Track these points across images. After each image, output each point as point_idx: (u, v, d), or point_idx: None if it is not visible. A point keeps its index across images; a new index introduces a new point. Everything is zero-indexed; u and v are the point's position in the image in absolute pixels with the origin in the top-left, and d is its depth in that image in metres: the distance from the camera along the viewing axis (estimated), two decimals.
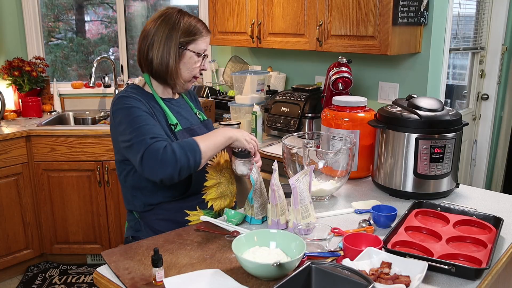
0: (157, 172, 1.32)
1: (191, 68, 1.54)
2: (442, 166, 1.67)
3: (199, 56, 1.54)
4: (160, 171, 1.32)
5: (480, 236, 1.34)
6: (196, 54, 1.53)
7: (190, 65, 1.53)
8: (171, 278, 1.14)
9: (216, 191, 1.58)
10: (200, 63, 1.56)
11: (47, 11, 3.63)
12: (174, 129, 1.52)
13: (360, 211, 1.59)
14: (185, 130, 1.55)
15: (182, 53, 1.51)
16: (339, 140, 1.81)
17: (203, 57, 1.56)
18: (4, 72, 3.33)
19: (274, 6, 2.83)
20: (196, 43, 1.52)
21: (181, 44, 1.50)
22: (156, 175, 1.33)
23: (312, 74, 3.13)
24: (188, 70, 1.54)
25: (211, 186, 1.57)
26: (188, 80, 1.57)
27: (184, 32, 1.50)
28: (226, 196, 1.61)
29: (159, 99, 1.56)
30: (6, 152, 2.88)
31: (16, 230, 3.00)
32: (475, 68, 3.51)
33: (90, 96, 3.64)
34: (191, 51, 1.52)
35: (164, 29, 1.49)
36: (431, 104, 1.68)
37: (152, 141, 1.33)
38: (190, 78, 1.57)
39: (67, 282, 2.99)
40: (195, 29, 1.52)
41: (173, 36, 1.49)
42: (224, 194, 1.60)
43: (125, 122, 1.41)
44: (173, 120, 1.53)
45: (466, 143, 3.47)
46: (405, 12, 2.35)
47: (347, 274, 1.01)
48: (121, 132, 1.42)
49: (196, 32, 1.52)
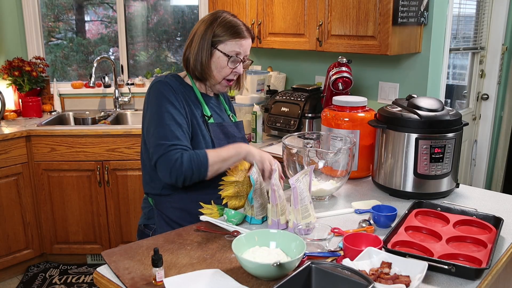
0: (165, 177, 1.46)
1: (220, 69, 1.55)
2: (442, 166, 1.67)
3: (228, 57, 1.53)
4: (168, 177, 1.45)
5: (480, 236, 1.34)
6: (224, 55, 1.53)
7: (219, 65, 1.54)
8: (171, 278, 1.14)
9: (233, 189, 1.59)
10: (232, 65, 1.55)
11: (47, 11, 3.63)
12: (208, 120, 1.57)
13: (360, 211, 1.59)
14: (217, 124, 1.60)
15: (213, 52, 1.53)
16: (339, 140, 1.81)
17: (234, 60, 1.54)
18: (4, 72, 3.32)
19: (274, 6, 2.83)
20: (225, 43, 1.52)
21: (212, 43, 1.52)
22: (164, 179, 1.48)
23: (312, 74, 3.13)
24: (217, 70, 1.55)
25: (229, 183, 1.58)
26: (218, 81, 1.58)
27: (218, 30, 1.52)
28: (242, 197, 1.62)
29: (198, 92, 1.60)
30: (6, 152, 2.88)
31: (16, 230, 3.00)
32: (475, 68, 3.51)
33: (90, 96, 3.64)
34: (220, 51, 1.53)
35: (203, 28, 1.53)
36: (431, 104, 1.68)
37: (169, 149, 1.44)
38: (221, 79, 1.57)
39: (67, 282, 2.99)
40: (229, 29, 1.52)
41: (207, 34, 1.52)
42: (240, 195, 1.61)
43: (155, 113, 1.48)
44: (207, 112, 1.59)
45: (466, 143, 3.47)
46: (405, 12, 2.35)
47: (347, 274, 1.01)
48: (148, 120, 1.50)
49: (228, 31, 1.52)
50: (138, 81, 3.68)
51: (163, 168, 1.44)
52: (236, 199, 1.61)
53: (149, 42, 3.84)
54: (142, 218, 1.68)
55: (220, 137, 1.60)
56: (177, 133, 1.46)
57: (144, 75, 3.77)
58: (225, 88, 1.63)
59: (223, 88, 1.62)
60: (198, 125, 1.54)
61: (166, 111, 1.47)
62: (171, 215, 1.58)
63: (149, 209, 1.64)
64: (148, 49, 3.85)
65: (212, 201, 1.57)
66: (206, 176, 1.47)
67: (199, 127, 1.54)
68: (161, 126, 1.46)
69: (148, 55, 3.86)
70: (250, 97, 2.91)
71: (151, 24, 3.81)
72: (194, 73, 1.58)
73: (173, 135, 1.45)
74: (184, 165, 1.42)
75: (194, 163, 1.43)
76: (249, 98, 2.91)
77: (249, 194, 1.48)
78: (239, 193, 1.61)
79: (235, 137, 1.65)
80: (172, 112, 1.48)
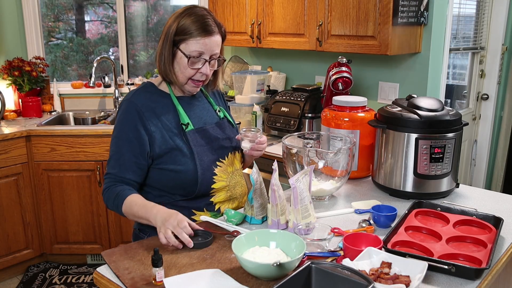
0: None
1: (183, 69, 1.46)
2: (442, 166, 1.67)
3: (188, 57, 1.44)
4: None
5: (480, 236, 1.34)
6: (185, 56, 1.44)
7: (181, 66, 1.46)
8: (171, 278, 1.14)
9: (225, 194, 1.57)
10: (192, 66, 1.46)
11: (47, 11, 3.63)
12: (185, 129, 1.51)
13: (360, 211, 1.59)
14: (196, 130, 1.53)
15: (175, 52, 1.46)
16: (339, 140, 1.81)
17: (193, 61, 1.45)
18: (4, 72, 3.32)
19: (274, 6, 2.83)
20: (187, 43, 1.44)
21: (174, 42, 1.45)
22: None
23: (312, 74, 3.13)
24: (180, 71, 1.47)
25: (219, 189, 1.56)
26: (183, 82, 1.50)
27: (178, 30, 1.43)
28: (235, 199, 1.61)
29: (174, 97, 1.54)
30: (6, 152, 2.88)
31: (16, 230, 3.00)
32: (475, 68, 3.51)
33: (90, 96, 3.64)
34: (181, 51, 1.45)
35: (169, 23, 1.46)
36: (431, 104, 1.68)
37: (106, 177, 1.51)
38: (186, 80, 1.49)
39: (67, 282, 2.99)
40: (187, 29, 1.43)
41: (169, 33, 1.44)
42: (233, 197, 1.60)
43: (114, 136, 1.51)
44: (184, 120, 1.51)
45: (466, 143, 3.47)
46: (405, 12, 2.35)
47: (347, 274, 1.01)
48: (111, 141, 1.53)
49: (186, 31, 1.43)
50: (138, 81, 3.68)
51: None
52: (229, 202, 1.59)
53: (149, 42, 3.84)
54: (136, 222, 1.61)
55: (201, 143, 1.52)
56: (119, 162, 1.47)
57: (144, 75, 3.77)
58: (194, 89, 1.53)
59: (192, 88, 1.53)
60: (172, 139, 1.48)
61: (122, 138, 1.48)
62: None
63: None
64: (148, 49, 3.85)
65: (205, 209, 1.55)
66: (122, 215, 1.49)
67: (173, 141, 1.48)
68: (111, 153, 1.50)
69: (148, 55, 3.86)
70: (250, 97, 2.91)
71: (151, 24, 3.81)
72: (161, 74, 1.52)
73: (116, 163, 1.48)
74: (104, 197, 1.49)
75: (110, 202, 1.47)
76: (249, 98, 2.91)
77: (249, 194, 1.48)
78: (231, 196, 1.59)
79: (218, 139, 1.57)
80: (128, 139, 1.46)
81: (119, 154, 1.48)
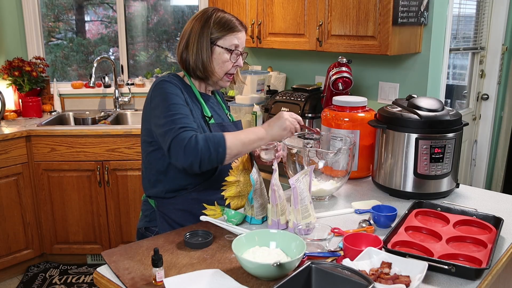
0: (181, 160, 1.37)
1: (221, 64, 1.55)
2: (442, 166, 1.67)
3: (229, 52, 1.54)
4: (183, 159, 1.37)
5: (480, 236, 1.34)
6: (225, 50, 1.54)
7: (220, 61, 1.55)
8: (171, 278, 1.14)
9: (235, 189, 1.60)
10: (234, 58, 1.56)
11: (47, 11, 3.63)
12: (209, 121, 1.57)
13: (360, 211, 1.59)
14: (217, 124, 1.60)
15: (213, 49, 1.54)
16: (339, 140, 1.81)
17: (236, 53, 1.56)
18: (4, 72, 3.32)
19: (274, 6, 2.83)
20: (224, 38, 1.53)
21: (211, 40, 1.53)
22: (179, 162, 1.38)
23: (312, 74, 3.13)
24: (219, 66, 1.55)
25: (231, 183, 1.59)
26: (220, 77, 1.58)
27: (214, 28, 1.53)
28: (243, 196, 1.63)
29: (197, 92, 1.60)
30: (6, 152, 2.88)
31: (16, 230, 3.00)
32: (475, 68, 3.51)
33: (90, 96, 3.64)
34: (220, 47, 1.54)
35: (198, 27, 1.53)
36: (431, 104, 1.68)
37: (180, 131, 1.38)
38: (223, 75, 1.58)
39: (67, 282, 2.99)
40: (225, 24, 1.53)
41: (204, 32, 1.52)
42: (242, 194, 1.62)
43: (161, 106, 1.45)
44: (208, 113, 1.59)
45: (466, 143, 3.47)
46: (405, 12, 2.35)
47: (347, 274, 1.01)
48: (156, 115, 1.46)
49: (225, 27, 1.53)
50: (138, 81, 3.68)
51: (177, 150, 1.36)
52: (238, 198, 1.62)
53: (149, 42, 3.84)
54: (142, 221, 1.65)
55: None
56: (186, 120, 1.43)
57: (144, 75, 3.77)
58: (227, 83, 1.63)
59: (225, 83, 1.62)
60: (201, 126, 1.54)
61: (173, 103, 1.45)
62: (173, 217, 1.57)
63: (150, 211, 1.62)
64: (148, 49, 3.85)
65: (216, 202, 1.57)
66: (224, 158, 1.39)
67: (201, 128, 1.54)
68: (169, 116, 1.42)
69: (148, 55, 3.86)
70: (250, 97, 2.91)
71: (151, 24, 3.81)
72: (195, 73, 1.57)
73: (184, 121, 1.42)
74: (199, 144, 1.36)
75: (210, 142, 1.37)
76: (249, 98, 2.91)
77: (249, 194, 1.48)
78: (241, 193, 1.61)
79: None
80: (178, 103, 1.47)
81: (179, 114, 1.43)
